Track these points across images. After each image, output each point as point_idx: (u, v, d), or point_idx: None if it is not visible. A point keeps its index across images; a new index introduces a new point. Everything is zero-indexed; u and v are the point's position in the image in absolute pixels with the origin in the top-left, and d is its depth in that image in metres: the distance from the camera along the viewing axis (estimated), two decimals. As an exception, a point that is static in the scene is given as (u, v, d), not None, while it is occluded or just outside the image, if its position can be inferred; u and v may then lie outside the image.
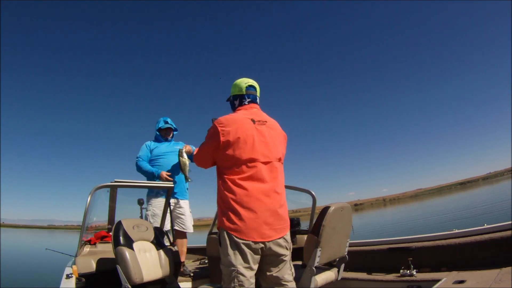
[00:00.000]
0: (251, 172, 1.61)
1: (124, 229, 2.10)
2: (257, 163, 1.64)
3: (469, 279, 2.08)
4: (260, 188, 1.60)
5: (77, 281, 2.02)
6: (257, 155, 1.64)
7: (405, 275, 2.54)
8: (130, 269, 1.92)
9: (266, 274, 1.64)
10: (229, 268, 1.52)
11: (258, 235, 1.54)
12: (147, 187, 3.04)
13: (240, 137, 1.63)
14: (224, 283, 1.56)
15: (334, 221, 2.13)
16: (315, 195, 3.09)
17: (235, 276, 1.50)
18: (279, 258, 1.63)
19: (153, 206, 3.09)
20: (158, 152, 3.28)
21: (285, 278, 1.64)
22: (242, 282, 1.49)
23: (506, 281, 1.85)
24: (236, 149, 1.62)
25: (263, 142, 1.68)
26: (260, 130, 1.70)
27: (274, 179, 1.67)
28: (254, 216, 1.55)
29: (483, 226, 2.61)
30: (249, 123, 1.70)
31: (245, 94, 1.83)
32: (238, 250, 1.53)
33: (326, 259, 2.16)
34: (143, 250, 2.13)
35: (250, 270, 1.54)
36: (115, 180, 2.47)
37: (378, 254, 3.00)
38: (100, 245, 2.53)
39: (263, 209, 1.57)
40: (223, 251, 1.56)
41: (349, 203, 2.46)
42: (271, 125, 1.79)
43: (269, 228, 1.57)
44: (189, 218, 3.30)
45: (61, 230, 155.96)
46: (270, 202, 1.61)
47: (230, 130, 1.64)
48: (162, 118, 3.44)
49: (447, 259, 2.54)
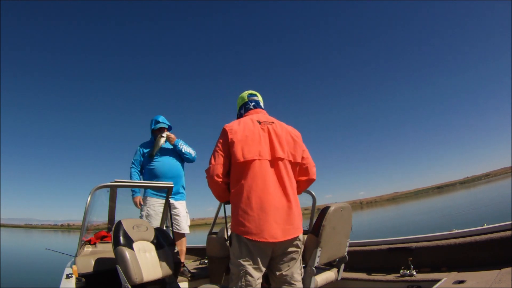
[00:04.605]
0: (259, 172, 1.62)
1: (124, 229, 2.10)
2: (265, 162, 1.65)
3: (469, 279, 2.07)
4: (269, 188, 1.60)
5: (77, 281, 2.02)
6: (264, 154, 1.65)
7: (405, 275, 2.54)
8: (130, 269, 1.92)
9: (275, 273, 1.65)
10: (238, 267, 1.54)
11: (269, 235, 1.54)
12: (147, 187, 3.05)
13: (247, 136, 1.66)
14: (231, 281, 1.57)
15: (334, 221, 2.13)
16: (315, 195, 3.09)
17: (243, 275, 1.52)
18: (290, 257, 1.64)
19: (148, 207, 3.09)
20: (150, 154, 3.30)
21: (294, 278, 1.65)
22: (249, 282, 1.51)
23: (506, 281, 1.85)
24: (244, 148, 1.64)
25: (270, 142, 1.70)
26: (266, 130, 1.73)
27: (283, 178, 1.67)
28: (264, 217, 1.55)
29: (483, 226, 2.60)
30: (254, 123, 1.74)
31: (248, 100, 1.94)
32: (248, 251, 1.54)
33: (326, 259, 2.16)
34: (143, 250, 2.13)
35: (259, 271, 1.56)
36: (115, 180, 2.48)
37: (378, 254, 2.99)
38: (100, 245, 2.53)
39: (273, 209, 1.57)
40: (233, 251, 1.58)
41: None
42: (279, 125, 1.81)
43: (280, 228, 1.57)
44: (184, 219, 3.29)
45: (38, 229, 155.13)
46: (280, 201, 1.61)
47: (237, 130, 1.68)
48: (154, 117, 3.41)
49: (447, 259, 2.54)
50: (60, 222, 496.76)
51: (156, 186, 2.98)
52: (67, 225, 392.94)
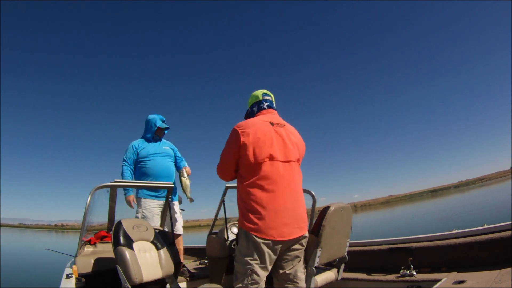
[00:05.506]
0: (270, 172, 1.64)
1: (124, 229, 2.10)
2: (276, 163, 1.66)
3: (469, 279, 2.07)
4: (280, 188, 1.63)
5: (77, 281, 2.02)
6: (276, 155, 1.67)
7: (405, 275, 2.54)
8: (130, 269, 1.92)
9: (279, 271, 1.66)
10: (245, 266, 1.54)
11: (277, 234, 1.56)
12: (147, 187, 3.02)
13: (259, 138, 1.67)
14: (237, 280, 1.58)
15: (334, 221, 2.13)
16: (315, 195, 3.09)
17: (249, 274, 1.52)
18: (294, 255, 1.67)
19: (143, 208, 3.00)
20: (145, 153, 3.16)
21: (297, 276, 1.68)
22: (255, 280, 1.52)
23: (506, 282, 1.85)
24: (256, 149, 1.65)
25: (282, 143, 1.72)
26: (279, 132, 1.75)
27: (293, 179, 1.71)
28: (274, 216, 1.57)
29: (483, 226, 2.61)
30: (267, 125, 1.74)
31: (262, 99, 1.93)
32: (256, 249, 1.55)
33: (326, 259, 2.16)
34: (143, 250, 2.12)
35: (265, 270, 1.57)
36: (115, 180, 2.47)
37: (378, 254, 2.99)
38: (100, 245, 2.53)
39: (283, 209, 1.60)
40: (241, 249, 1.59)
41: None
42: (290, 128, 1.84)
43: (288, 227, 1.60)
44: (179, 219, 3.27)
45: (32, 229, 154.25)
46: (289, 201, 1.64)
47: (249, 131, 1.68)
48: (157, 116, 3.31)
49: (447, 259, 2.54)
50: (54, 222, 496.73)
51: (156, 186, 2.96)
52: (61, 225, 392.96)
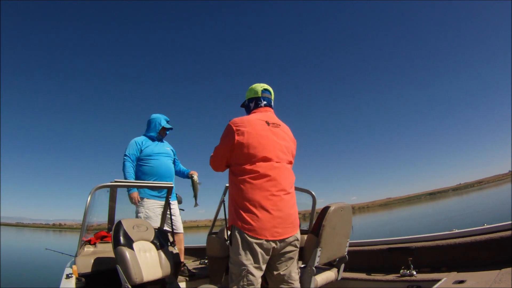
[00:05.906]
0: (264, 172, 1.63)
1: (124, 229, 2.10)
2: (270, 163, 1.66)
3: (469, 279, 2.07)
4: (273, 188, 1.63)
5: (77, 281, 2.01)
6: (270, 155, 1.67)
7: (405, 275, 2.54)
8: (130, 269, 1.92)
9: (273, 272, 1.65)
10: (240, 267, 1.53)
11: (270, 234, 1.56)
12: (147, 187, 3.02)
13: (254, 137, 1.66)
14: (232, 281, 1.57)
15: (334, 221, 2.13)
16: (315, 195, 3.09)
17: (245, 275, 1.51)
18: (288, 257, 1.66)
19: (146, 209, 3.00)
20: (149, 152, 3.13)
21: (292, 277, 1.67)
22: (251, 281, 1.51)
23: (506, 281, 1.85)
24: (250, 149, 1.64)
25: (276, 144, 1.72)
26: (274, 132, 1.74)
27: (286, 180, 1.70)
28: (267, 216, 1.57)
29: (483, 226, 2.61)
30: (263, 124, 1.73)
31: (261, 96, 1.90)
32: (250, 249, 1.54)
33: (326, 259, 2.16)
34: (143, 250, 2.12)
35: (260, 270, 1.56)
36: (115, 180, 2.47)
37: (378, 254, 3.00)
38: (100, 245, 2.52)
39: (276, 209, 1.59)
40: (234, 250, 1.57)
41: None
42: (284, 129, 1.84)
43: (281, 227, 1.59)
44: (178, 219, 3.28)
45: (29, 228, 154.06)
46: (282, 202, 1.63)
47: (244, 130, 1.67)
48: (162, 116, 3.33)
49: (447, 259, 2.54)
50: (52, 221, 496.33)
51: (157, 186, 2.96)
52: (58, 224, 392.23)
